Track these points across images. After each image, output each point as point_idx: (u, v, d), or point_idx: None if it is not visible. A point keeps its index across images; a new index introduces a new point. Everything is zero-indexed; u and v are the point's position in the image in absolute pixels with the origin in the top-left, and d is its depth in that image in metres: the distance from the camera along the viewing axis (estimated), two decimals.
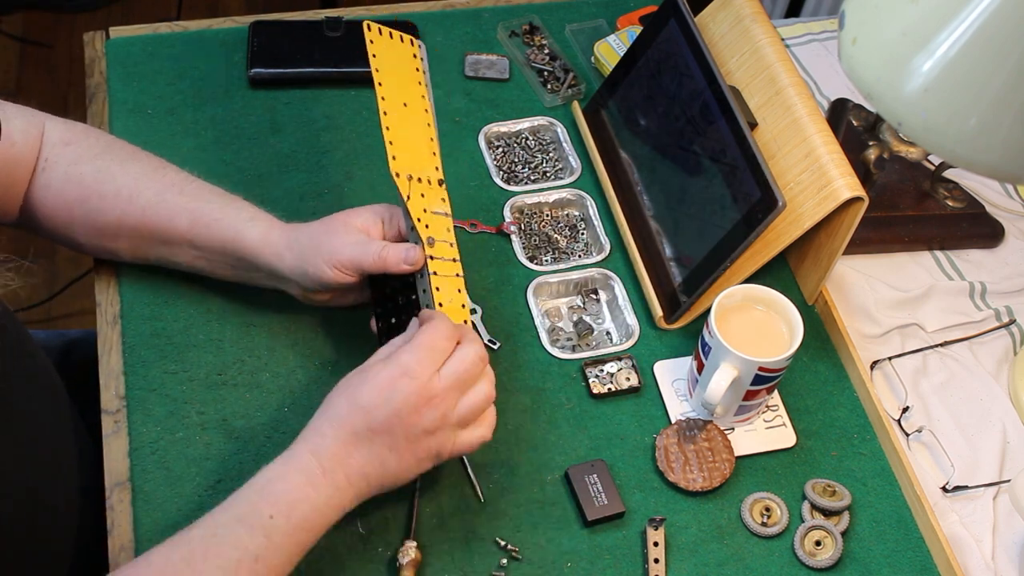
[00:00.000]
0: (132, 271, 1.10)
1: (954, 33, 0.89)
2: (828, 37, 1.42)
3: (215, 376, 1.05)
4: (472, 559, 0.97)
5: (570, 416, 1.06)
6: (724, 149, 1.07)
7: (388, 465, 0.90)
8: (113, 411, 1.02)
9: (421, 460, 0.91)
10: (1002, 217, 1.27)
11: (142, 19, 1.64)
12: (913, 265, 1.23)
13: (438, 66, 1.30)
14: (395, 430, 0.89)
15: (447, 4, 1.37)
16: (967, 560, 1.02)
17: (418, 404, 0.89)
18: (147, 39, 1.28)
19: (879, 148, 1.20)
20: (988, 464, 1.09)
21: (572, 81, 1.29)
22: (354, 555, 0.96)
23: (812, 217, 1.03)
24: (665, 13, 1.15)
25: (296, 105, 1.25)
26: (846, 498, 1.02)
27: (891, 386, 1.13)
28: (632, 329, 1.12)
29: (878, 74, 0.95)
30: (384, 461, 0.90)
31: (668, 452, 1.04)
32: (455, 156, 1.23)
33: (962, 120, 0.91)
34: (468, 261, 1.14)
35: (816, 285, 1.13)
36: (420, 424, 0.89)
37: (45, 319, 2.10)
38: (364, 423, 0.88)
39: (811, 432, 1.08)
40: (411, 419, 0.89)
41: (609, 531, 1.00)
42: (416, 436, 0.90)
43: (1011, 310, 1.20)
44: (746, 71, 1.14)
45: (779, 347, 1.01)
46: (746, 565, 0.99)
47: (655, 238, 1.14)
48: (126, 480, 0.98)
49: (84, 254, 1.10)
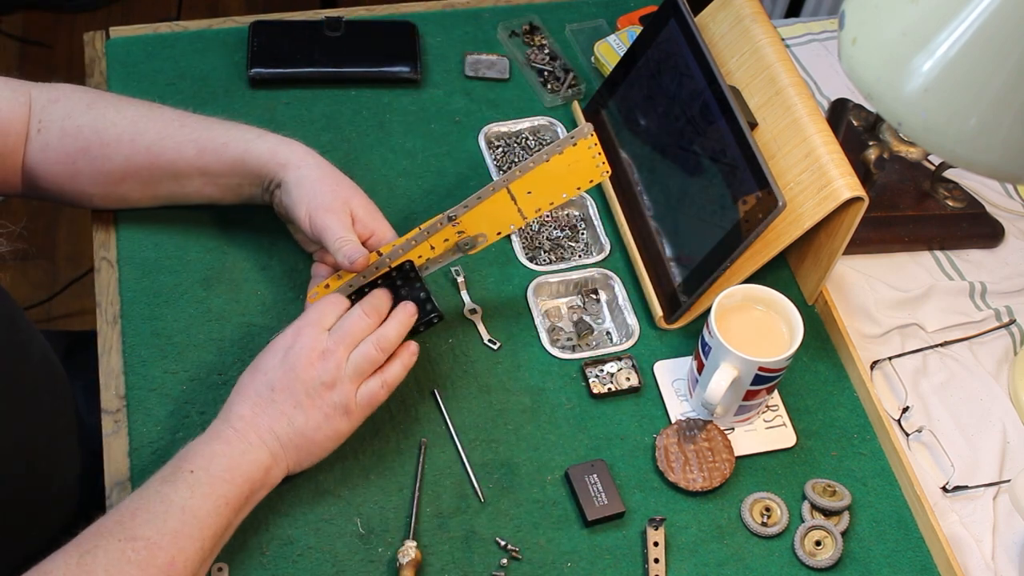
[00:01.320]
0: (132, 271, 1.10)
1: (954, 33, 0.89)
2: (828, 37, 1.42)
3: (215, 376, 1.05)
4: (472, 559, 0.97)
5: (570, 416, 1.06)
6: (724, 149, 1.07)
7: (296, 422, 0.95)
8: (113, 411, 1.02)
9: (329, 416, 0.95)
10: (1002, 217, 1.27)
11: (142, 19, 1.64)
12: (913, 265, 1.23)
13: (438, 66, 1.30)
14: (294, 386, 0.95)
15: (447, 4, 1.37)
16: (967, 560, 1.02)
17: (311, 358, 0.95)
18: (147, 39, 1.28)
19: (879, 148, 1.20)
20: (988, 464, 1.09)
21: (572, 81, 1.29)
22: (354, 555, 0.96)
23: (812, 217, 1.03)
24: (665, 13, 1.15)
25: (296, 105, 1.25)
26: (846, 498, 1.02)
27: (891, 386, 1.13)
28: (632, 329, 1.12)
29: (878, 74, 0.95)
30: (292, 419, 0.94)
31: (668, 452, 1.04)
32: (455, 156, 1.23)
33: (962, 120, 0.91)
34: (468, 261, 1.14)
35: (816, 285, 1.13)
36: (317, 377, 0.95)
37: (45, 319, 2.10)
38: (265, 383, 0.95)
39: (811, 432, 1.08)
40: (307, 373, 0.95)
41: (609, 531, 1.00)
42: (316, 390, 0.95)
43: (1011, 310, 1.20)
44: (746, 71, 1.14)
45: (779, 347, 1.01)
46: (746, 565, 0.99)
47: (655, 238, 1.14)
48: (126, 480, 0.98)
49: (92, 208, 1.12)
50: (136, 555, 0.84)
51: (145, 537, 0.85)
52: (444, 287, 1.12)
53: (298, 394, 0.94)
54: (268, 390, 0.95)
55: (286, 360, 0.95)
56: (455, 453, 1.03)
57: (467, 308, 1.11)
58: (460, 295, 1.12)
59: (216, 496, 0.89)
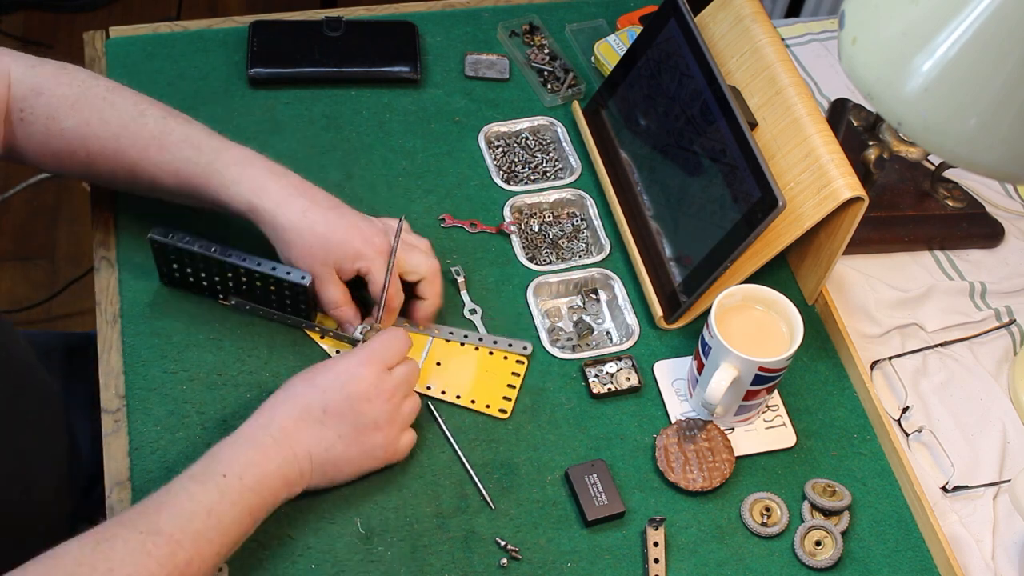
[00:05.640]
0: (132, 271, 1.10)
1: (954, 33, 0.89)
2: (828, 37, 1.42)
3: (215, 376, 1.05)
4: (472, 559, 0.97)
5: (570, 416, 1.06)
6: (724, 149, 1.07)
7: (334, 451, 0.94)
8: (113, 411, 1.02)
9: (366, 453, 0.96)
10: (1002, 217, 1.27)
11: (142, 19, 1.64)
12: (913, 265, 1.23)
13: (438, 66, 1.30)
14: (347, 416, 0.94)
15: (447, 4, 1.37)
16: (967, 560, 1.02)
17: (370, 394, 0.94)
18: (147, 39, 1.28)
19: (879, 148, 1.20)
20: (988, 464, 1.09)
21: (572, 81, 1.29)
22: (354, 555, 0.96)
23: (812, 217, 1.03)
24: (665, 13, 1.15)
25: (296, 105, 1.25)
26: (846, 498, 1.02)
27: (891, 386, 1.13)
28: (632, 329, 1.12)
29: (878, 74, 0.95)
30: (331, 446, 0.94)
31: (668, 452, 1.04)
32: (455, 156, 1.23)
33: (962, 120, 0.91)
34: (468, 261, 1.14)
35: (816, 285, 1.13)
36: (371, 414, 0.94)
37: (45, 319, 2.10)
38: (319, 402, 0.94)
39: (811, 432, 1.08)
40: (362, 407, 0.94)
41: (609, 531, 1.00)
42: (365, 426, 0.94)
43: (1011, 310, 1.20)
44: (746, 71, 1.14)
45: (779, 347, 1.01)
46: (746, 565, 0.99)
47: (655, 238, 1.14)
48: (126, 480, 0.98)
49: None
50: (157, 550, 0.82)
51: (168, 533, 0.83)
52: (444, 287, 1.12)
53: (347, 424, 0.94)
54: (320, 410, 0.93)
55: (346, 385, 0.94)
56: (454, 453, 1.03)
57: (467, 308, 1.11)
58: (460, 295, 1.12)
59: (243, 505, 0.88)
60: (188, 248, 1.02)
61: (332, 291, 1.02)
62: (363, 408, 0.94)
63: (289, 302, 1.04)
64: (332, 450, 0.94)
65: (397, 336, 0.99)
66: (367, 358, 0.96)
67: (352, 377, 0.95)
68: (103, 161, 1.03)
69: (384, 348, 0.98)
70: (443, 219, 1.18)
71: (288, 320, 1.06)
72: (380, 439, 0.96)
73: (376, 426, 0.95)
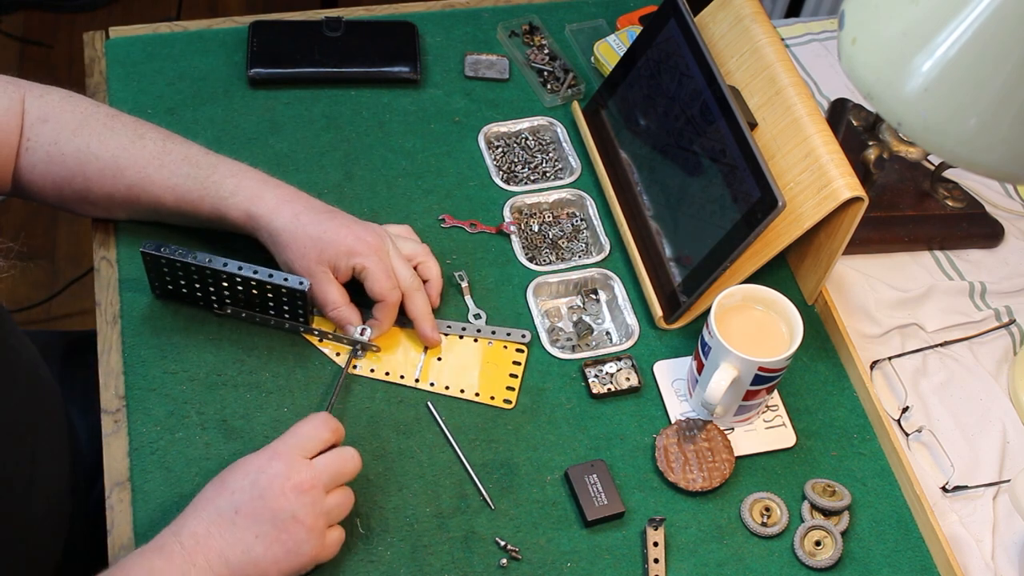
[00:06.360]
0: (132, 271, 1.10)
1: (954, 33, 0.89)
2: (828, 37, 1.42)
3: (215, 376, 1.05)
4: (472, 559, 0.97)
5: (570, 416, 1.06)
6: (724, 149, 1.07)
7: (253, 552, 0.87)
8: (113, 411, 1.02)
9: (290, 551, 0.88)
10: (1002, 217, 1.27)
11: (142, 19, 1.64)
12: (913, 265, 1.23)
13: (438, 66, 1.30)
14: (261, 514, 0.87)
15: (447, 4, 1.37)
16: (967, 560, 1.02)
17: (284, 487, 0.88)
18: (147, 39, 1.28)
19: (879, 148, 1.20)
20: (988, 464, 1.09)
21: (572, 81, 1.29)
22: (354, 555, 0.96)
23: (812, 217, 1.03)
24: (665, 13, 1.15)
25: (296, 105, 1.25)
26: (846, 498, 1.02)
27: (891, 386, 1.13)
28: (632, 329, 1.12)
29: (878, 74, 0.95)
30: (249, 548, 0.87)
31: (668, 452, 1.04)
32: (455, 156, 1.23)
33: (962, 120, 0.91)
34: (468, 261, 1.14)
35: (816, 285, 1.13)
36: (288, 509, 0.88)
37: (45, 319, 2.10)
38: (228, 503, 0.88)
39: (811, 432, 1.08)
40: (277, 502, 0.88)
41: (609, 531, 1.00)
42: (285, 522, 0.88)
43: (1011, 310, 1.20)
44: (746, 71, 1.14)
45: (779, 347, 1.01)
46: (746, 565, 0.99)
47: (655, 238, 1.14)
48: (126, 480, 0.98)
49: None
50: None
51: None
52: (447, 291, 1.12)
53: (264, 523, 0.87)
54: (232, 511, 0.87)
55: (256, 483, 0.88)
56: (454, 453, 1.03)
57: (471, 313, 1.11)
58: (464, 299, 1.12)
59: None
60: (182, 260, 1.01)
61: (330, 291, 1.03)
62: (278, 504, 0.88)
63: (287, 308, 1.04)
64: (251, 552, 0.87)
65: (317, 423, 0.93)
66: (277, 451, 0.90)
67: (261, 473, 0.88)
68: (101, 185, 1.04)
69: (299, 437, 0.92)
70: (443, 219, 1.18)
71: (285, 326, 1.06)
72: (303, 534, 0.88)
73: (296, 520, 0.88)
